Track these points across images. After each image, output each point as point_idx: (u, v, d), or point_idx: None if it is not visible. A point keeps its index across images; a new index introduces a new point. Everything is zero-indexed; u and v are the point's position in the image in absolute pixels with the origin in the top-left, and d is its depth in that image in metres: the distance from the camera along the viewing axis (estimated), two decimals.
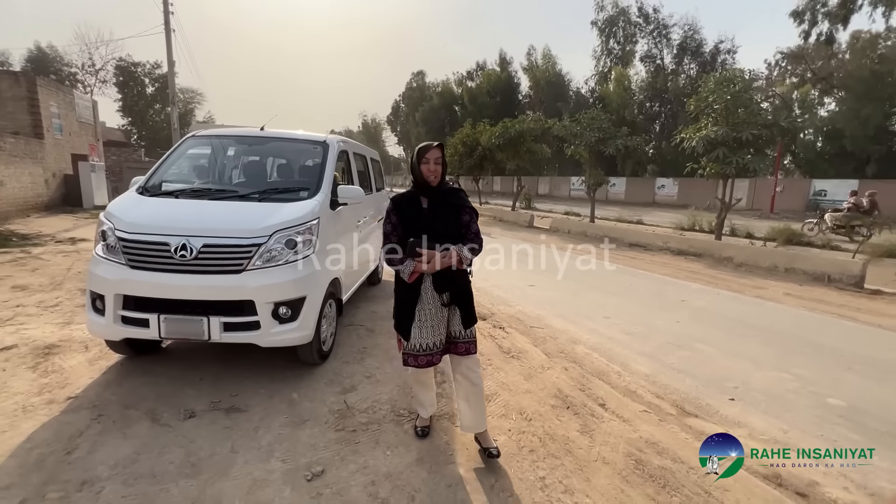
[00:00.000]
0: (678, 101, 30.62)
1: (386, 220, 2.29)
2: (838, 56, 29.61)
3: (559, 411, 2.90)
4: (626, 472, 2.31)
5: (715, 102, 9.56)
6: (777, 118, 9.59)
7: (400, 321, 2.30)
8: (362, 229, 4.57)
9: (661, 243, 10.35)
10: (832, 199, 19.88)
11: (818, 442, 2.70)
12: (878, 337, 4.76)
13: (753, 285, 6.96)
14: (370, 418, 2.70)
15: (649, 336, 4.48)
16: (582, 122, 13.38)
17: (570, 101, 36.97)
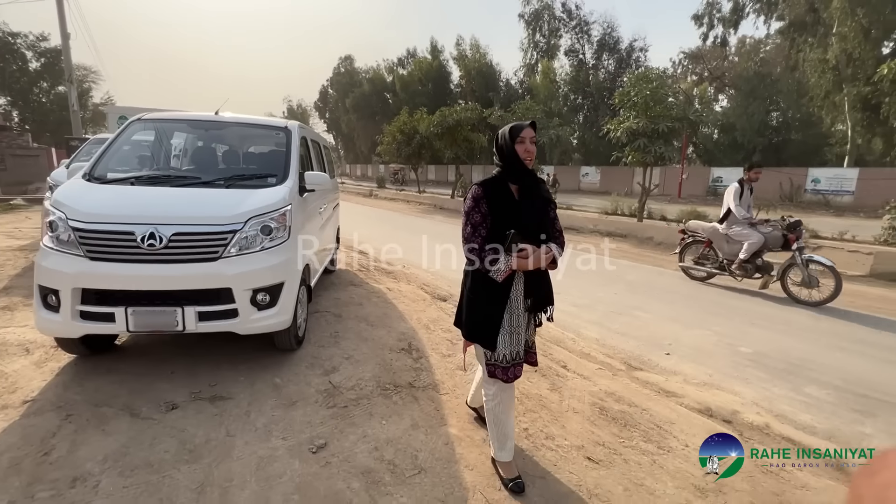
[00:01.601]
0: (599, 94, 32.82)
1: (472, 210, 1.91)
2: (729, 58, 33.46)
3: (529, 375, 3.22)
4: (593, 417, 2.68)
5: (635, 97, 10.53)
6: (686, 112, 10.79)
7: (480, 329, 1.96)
8: (324, 216, 4.57)
9: (591, 226, 11.26)
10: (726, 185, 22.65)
11: (736, 381, 3.29)
12: (771, 297, 5.70)
13: (672, 260, 7.89)
14: (359, 394, 2.82)
15: (594, 307, 5.00)
16: (517, 113, 13.99)
17: (500, 91, 38.04)
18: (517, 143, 1.89)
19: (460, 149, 17.98)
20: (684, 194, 22.99)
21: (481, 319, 1.96)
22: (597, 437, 2.48)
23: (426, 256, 7.53)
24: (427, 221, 13.61)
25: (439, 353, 3.52)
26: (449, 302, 4.93)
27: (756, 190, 6.12)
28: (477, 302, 1.97)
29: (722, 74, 33.52)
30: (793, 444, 2.52)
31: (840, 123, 23.90)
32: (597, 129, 28.76)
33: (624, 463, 2.27)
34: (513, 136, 1.90)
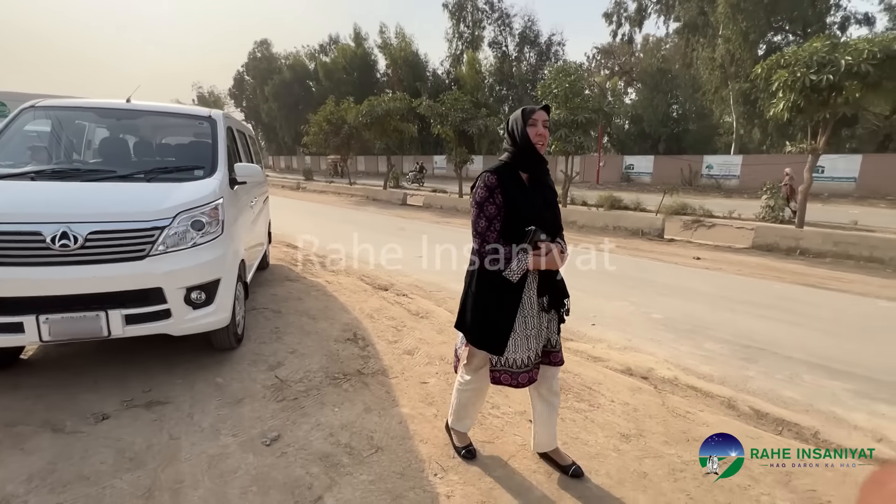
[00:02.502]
0: (523, 86, 34.08)
1: (486, 201, 1.75)
2: (636, 54, 36.34)
3: None
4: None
5: (556, 89, 11.16)
6: (601, 105, 11.65)
7: (488, 333, 1.83)
8: (255, 209, 4.40)
9: None
10: (637, 172, 24.83)
11: (650, 344, 3.74)
12: (677, 270, 6.46)
13: (594, 241, 8.60)
14: (308, 386, 2.82)
15: None
16: (446, 103, 14.16)
17: (428, 81, 38.04)
18: (529, 126, 1.75)
19: (391, 139, 17.84)
20: (602, 181, 24.77)
21: (489, 324, 1.81)
22: None
23: (360, 248, 7.47)
24: (361, 214, 13.42)
25: (385, 340, 3.60)
26: (390, 291, 4.99)
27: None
28: (484, 305, 1.82)
29: (630, 69, 36.33)
30: (696, 392, 2.96)
31: (727, 116, 27.06)
32: None
33: (561, 421, 2.52)
34: (525, 118, 1.76)
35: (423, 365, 3.18)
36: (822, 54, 7.31)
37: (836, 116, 8.06)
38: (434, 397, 2.73)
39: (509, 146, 1.83)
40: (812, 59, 7.36)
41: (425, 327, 3.92)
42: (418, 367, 3.14)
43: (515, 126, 1.79)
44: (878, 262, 6.88)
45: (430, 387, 2.86)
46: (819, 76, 7.23)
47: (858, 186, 17.75)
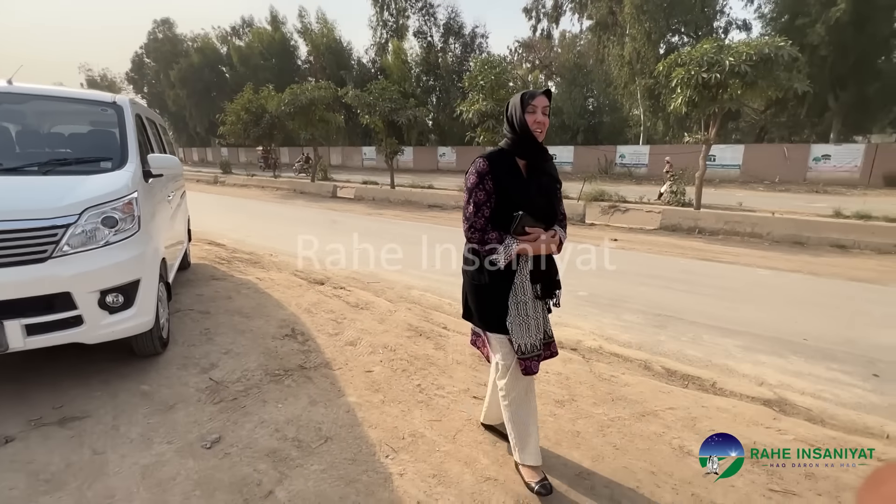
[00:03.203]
0: (449, 77, 34.32)
1: (476, 186, 1.73)
2: (555, 49, 38.12)
3: (415, 339, 3.49)
4: (475, 365, 3.07)
5: (482, 81, 11.45)
6: None
7: (489, 313, 1.83)
8: (172, 204, 4.08)
9: (453, 203, 12.03)
10: (559, 161, 26.23)
11: (577, 319, 4.07)
12: (597, 252, 7.02)
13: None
14: (247, 385, 2.72)
15: None
16: (374, 93, 13.91)
17: (353, 70, 36.95)
18: (528, 113, 1.70)
19: (317, 129, 17.17)
20: None
21: (488, 305, 1.83)
22: (479, 379, 2.87)
23: (291, 243, 7.20)
24: (289, 208, 12.85)
25: (326, 333, 3.55)
26: (327, 285, 4.90)
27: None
28: (481, 289, 1.83)
29: (550, 63, 38.06)
30: (618, 357, 3.29)
31: (636, 109, 29.42)
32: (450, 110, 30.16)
33: None
34: (524, 104, 1.71)
35: (366, 355, 3.20)
36: (711, 55, 8.25)
37: (723, 111, 9.16)
38: (380, 384, 2.77)
39: (508, 132, 1.78)
40: (703, 59, 8.28)
41: (366, 318, 3.92)
42: (362, 356, 3.15)
43: (514, 112, 1.73)
44: (759, 236, 8.00)
45: (376, 374, 2.89)
46: (709, 74, 8.16)
47: (742, 172, 20.28)
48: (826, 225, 7.96)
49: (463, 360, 3.13)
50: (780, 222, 8.23)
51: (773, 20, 22.67)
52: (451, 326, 3.78)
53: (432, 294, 4.71)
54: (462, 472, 2.01)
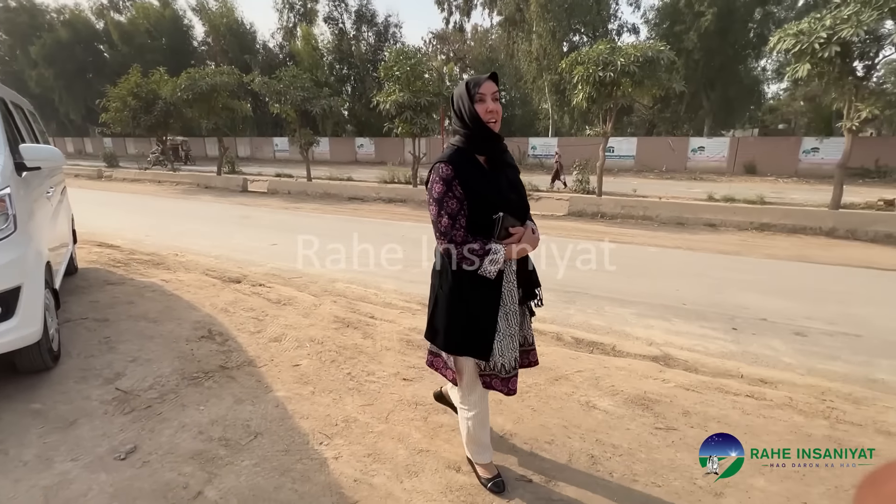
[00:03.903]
0: (364, 66, 33.52)
1: (445, 195, 1.53)
2: (468, 42, 38.94)
3: (342, 330, 3.50)
4: (402, 350, 3.18)
5: (398, 71, 11.42)
6: (440, 89, 12.35)
7: (471, 336, 1.62)
8: (52, 201, 3.62)
9: (374, 195, 11.94)
10: None
11: None
12: None
13: None
14: (161, 392, 2.56)
15: (392, 264, 5.57)
16: (283, 80, 13.20)
17: (259, 54, 34.52)
18: (477, 103, 1.53)
19: (220, 118, 15.87)
20: None
21: (471, 326, 1.61)
22: (408, 363, 2.99)
23: (200, 242, 6.70)
24: (194, 203, 11.82)
25: (247, 331, 3.42)
26: (244, 283, 4.67)
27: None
28: (462, 306, 1.61)
29: (464, 56, 38.84)
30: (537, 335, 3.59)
31: (544, 103, 31.20)
32: (366, 100, 29.55)
33: (431, 374, 2.82)
34: (470, 93, 1.54)
35: (292, 349, 3.15)
36: (606, 55, 9.09)
37: (618, 106, 10.15)
38: (309, 377, 2.77)
39: (458, 127, 1.60)
40: (599, 58, 9.09)
41: (289, 313, 3.83)
42: (288, 351, 3.11)
43: (461, 104, 1.56)
44: (650, 219, 9.05)
45: (304, 367, 2.88)
46: (605, 73, 8.99)
47: (636, 162, 22.58)
48: (701, 207, 9.26)
49: (391, 347, 3.22)
50: (665, 206, 9.39)
51: (656, 25, 25.36)
52: (377, 315, 3.84)
53: (357, 286, 4.72)
54: (396, 448, 2.12)
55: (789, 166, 19.29)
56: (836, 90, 8.28)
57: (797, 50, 7.70)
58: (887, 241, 7.27)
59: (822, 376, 2.98)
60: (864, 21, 7.10)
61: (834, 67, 7.71)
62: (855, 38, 7.21)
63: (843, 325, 3.86)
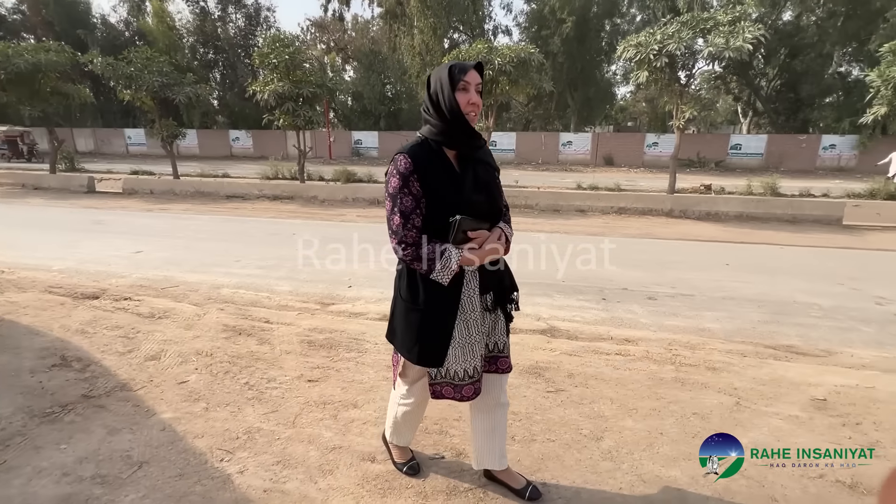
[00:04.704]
0: (233, 51, 30.52)
1: (400, 192, 1.41)
2: (348, 32, 37.84)
3: (234, 338, 3.24)
4: (304, 352, 3.07)
5: (275, 59, 10.66)
6: (323, 79, 11.86)
7: (423, 345, 1.52)
8: None
9: (257, 192, 11.06)
10: (366, 147, 26.64)
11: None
12: None
13: (338, 214, 9.01)
14: (3, 436, 2.11)
15: (281, 265, 5.27)
16: (136, 63, 11.42)
17: (96, 30, 29.20)
18: (459, 91, 1.39)
19: (49, 105, 13.15)
20: (334, 156, 25.44)
21: (423, 335, 1.52)
22: (312, 363, 2.90)
23: (35, 254, 5.57)
24: (21, 209, 9.68)
25: (115, 352, 2.97)
26: (104, 298, 4.02)
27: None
28: (415, 312, 1.52)
29: (345, 46, 37.66)
30: None
31: None
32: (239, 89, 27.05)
33: (337, 373, 2.80)
34: (453, 80, 1.38)
35: (176, 366, 2.83)
36: (484, 54, 9.63)
37: (498, 103, 10.86)
38: (200, 392, 2.53)
39: (431, 116, 1.45)
40: (478, 57, 9.59)
41: (168, 327, 3.42)
42: (170, 369, 2.79)
43: (440, 90, 1.41)
44: (531, 207, 9.90)
45: (192, 384, 2.62)
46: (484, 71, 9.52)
47: (516, 155, 24.37)
48: (572, 195, 10.41)
49: (292, 350, 3.09)
50: (544, 195, 10.36)
51: (526, 29, 27.50)
52: (273, 319, 3.63)
53: (247, 290, 4.39)
54: (307, 451, 2.06)
55: (637, 158, 22.60)
56: (667, 94, 9.95)
57: (638, 59, 9.06)
58: (707, 218, 9.01)
59: (668, 331, 3.64)
60: (684, 38, 8.64)
61: (664, 75, 9.25)
62: (678, 52, 8.72)
63: (680, 287, 4.73)
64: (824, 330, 3.70)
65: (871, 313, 4.08)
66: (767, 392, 2.63)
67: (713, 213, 9.12)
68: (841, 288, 4.80)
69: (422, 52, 27.18)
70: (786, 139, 21.60)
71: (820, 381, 2.77)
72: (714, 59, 9.00)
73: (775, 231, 8.13)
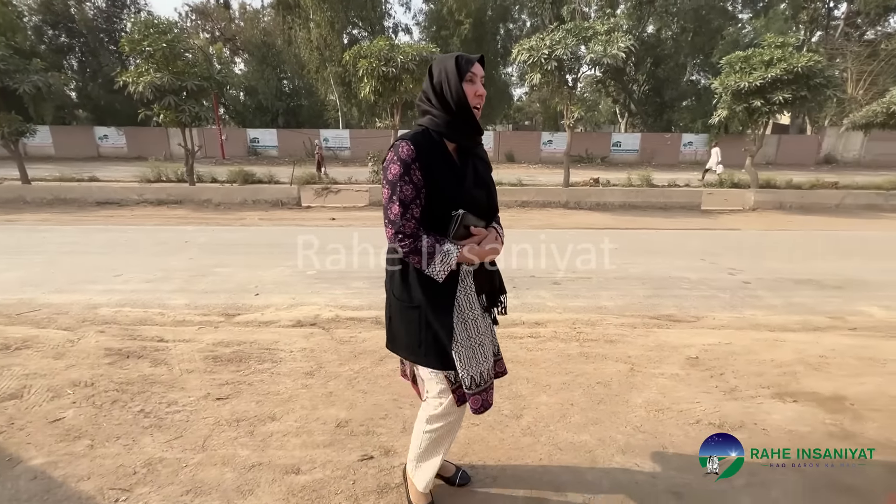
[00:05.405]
0: (94, 35, 26.40)
1: (402, 179, 1.33)
2: (236, 21, 34.97)
3: (121, 362, 2.85)
4: (210, 369, 2.80)
5: (149, 47, 9.46)
6: (210, 72, 10.82)
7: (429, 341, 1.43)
8: None
9: (136, 197, 9.77)
10: (263, 145, 24.92)
11: (312, 296, 4.22)
12: (319, 231, 7.27)
13: (236, 218, 8.32)
14: None
15: (172, 277, 4.72)
16: None
17: None
18: (466, 83, 1.35)
19: None
20: (228, 155, 23.43)
21: (425, 330, 1.44)
22: (219, 380, 2.66)
23: None
24: None
25: None
26: None
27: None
28: (413, 309, 1.45)
29: (233, 37, 34.72)
30: (354, 321, 3.66)
31: (331, 94, 30.80)
32: (105, 79, 23.59)
33: (249, 386, 2.61)
34: (461, 70, 1.34)
35: (45, 402, 2.41)
36: (386, 51, 9.57)
37: (402, 100, 10.86)
38: (81, 428, 2.18)
39: (433, 107, 1.40)
40: (381, 53, 9.51)
41: (30, 359, 2.89)
42: (38, 407, 2.37)
43: (446, 81, 1.36)
44: None
45: (70, 420, 2.25)
46: (387, 68, 9.47)
47: None
48: None
49: (194, 368, 2.81)
50: None
51: (426, 28, 27.86)
52: (168, 337, 3.26)
53: (132, 308, 3.87)
54: (221, 473, 1.90)
55: (535, 155, 24.23)
56: (558, 95, 10.80)
57: (531, 62, 9.69)
58: (597, 208, 10.00)
59: (572, 311, 3.98)
60: (569, 45, 9.45)
61: (555, 78, 10.02)
62: (565, 57, 9.51)
63: (580, 272, 5.20)
64: (693, 299, 4.34)
65: (725, 282, 4.88)
66: (654, 356, 3.03)
67: (602, 204, 10.14)
68: (703, 263, 5.67)
69: (320, 47, 26.15)
70: (655, 137, 24.77)
71: (692, 343, 3.26)
72: (595, 65, 9.97)
73: (651, 217, 9.32)
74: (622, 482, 1.90)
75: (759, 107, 9.83)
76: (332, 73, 26.05)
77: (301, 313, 3.78)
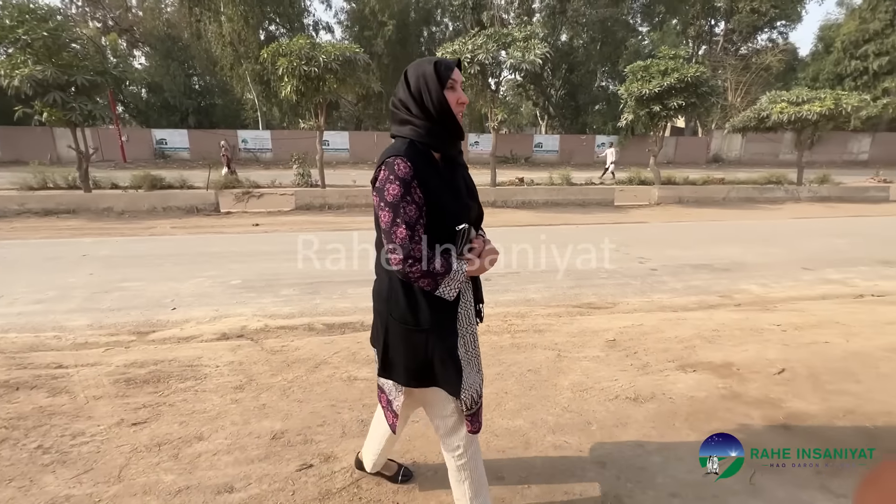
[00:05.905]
0: None
1: (404, 199, 1.22)
2: (133, 10, 31.70)
3: (9, 396, 2.50)
4: (121, 393, 2.56)
5: (26, 36, 8.29)
6: (105, 66, 9.73)
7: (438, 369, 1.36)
8: None
9: (16, 206, 8.51)
10: (173, 147, 22.87)
11: (237, 306, 3.99)
12: (240, 238, 6.85)
13: (144, 227, 7.57)
14: None
15: (69, 295, 4.21)
16: None
17: None
18: (448, 90, 1.28)
19: None
20: (131, 158, 21.22)
21: (436, 355, 1.36)
22: (134, 404, 2.44)
23: None
24: None
25: None
26: None
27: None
28: (420, 332, 1.35)
29: (130, 27, 31.42)
30: (284, 329, 3.52)
31: (249, 93, 29.02)
32: None
33: (171, 407, 2.42)
34: (440, 77, 1.27)
35: None
36: (307, 50, 9.26)
37: (327, 101, 10.57)
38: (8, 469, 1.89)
39: (415, 116, 1.31)
40: (301, 52, 9.18)
41: None
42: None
43: (426, 88, 1.29)
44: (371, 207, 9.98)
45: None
46: (309, 68, 9.16)
47: (351, 155, 24.13)
48: None
49: (102, 394, 2.54)
50: None
51: (348, 28, 27.30)
52: (67, 363, 2.91)
53: (19, 332, 3.40)
54: (144, 503, 1.76)
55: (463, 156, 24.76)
56: (481, 98, 11.16)
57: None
58: (523, 206, 10.50)
59: (503, 305, 4.17)
60: (490, 50, 9.81)
61: (478, 81, 10.35)
62: (486, 61, 9.86)
63: (512, 267, 5.44)
64: (610, 287, 4.74)
65: (636, 270, 5.38)
66: (578, 342, 3.27)
67: (527, 202, 10.66)
68: (617, 254, 6.20)
69: (234, 42, 24.55)
70: (572, 139, 26.48)
71: (610, 326, 3.57)
72: (515, 70, 10.45)
73: (571, 213, 9.98)
74: (553, 459, 2.05)
75: (658, 111, 10.93)
76: (248, 71, 24.57)
77: (226, 325, 3.57)
